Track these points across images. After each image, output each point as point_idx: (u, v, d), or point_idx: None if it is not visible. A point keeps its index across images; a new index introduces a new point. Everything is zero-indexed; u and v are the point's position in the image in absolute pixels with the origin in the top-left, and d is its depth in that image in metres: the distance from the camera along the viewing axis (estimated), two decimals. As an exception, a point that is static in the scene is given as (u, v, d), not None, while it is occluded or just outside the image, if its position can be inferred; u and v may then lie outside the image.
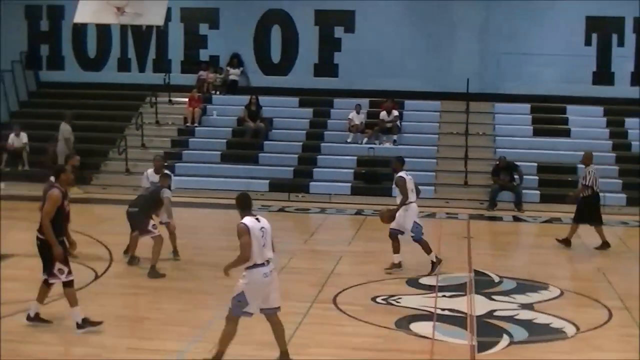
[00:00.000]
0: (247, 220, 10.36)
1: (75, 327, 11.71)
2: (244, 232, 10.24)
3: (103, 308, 13.07)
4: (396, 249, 15.35)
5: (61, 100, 27.77)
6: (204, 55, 28.08)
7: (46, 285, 11.88)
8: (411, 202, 15.26)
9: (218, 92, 27.51)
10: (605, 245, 17.71)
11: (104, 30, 27.92)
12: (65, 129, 23.75)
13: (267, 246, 10.37)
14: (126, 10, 23.16)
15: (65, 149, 23.31)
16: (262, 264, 10.27)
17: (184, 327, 12.12)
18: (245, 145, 25.52)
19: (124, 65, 28.55)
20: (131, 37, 28.29)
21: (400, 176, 15.30)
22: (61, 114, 24.39)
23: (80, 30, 27.73)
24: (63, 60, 28.84)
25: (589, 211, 17.72)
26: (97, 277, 14.71)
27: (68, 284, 11.74)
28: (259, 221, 10.44)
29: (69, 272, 11.73)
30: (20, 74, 28.34)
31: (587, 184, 17.61)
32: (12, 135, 24.84)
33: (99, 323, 11.82)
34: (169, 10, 25.38)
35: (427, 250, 15.38)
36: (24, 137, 24.82)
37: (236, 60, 27.65)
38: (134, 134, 25.86)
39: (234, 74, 27.60)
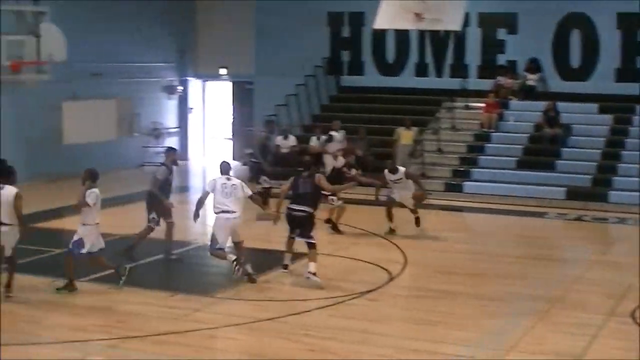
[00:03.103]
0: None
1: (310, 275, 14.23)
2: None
3: (395, 310, 13.36)
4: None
5: (360, 104, 28.52)
6: (501, 60, 27.87)
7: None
8: None
9: (515, 98, 27.26)
10: None
11: (402, 35, 28.38)
12: (400, 133, 24.49)
13: None
14: (425, 16, 23.41)
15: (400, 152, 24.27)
16: None
17: (471, 333, 12.15)
18: (542, 151, 25.13)
19: (421, 70, 28.83)
20: (429, 42, 28.57)
21: None
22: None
23: (379, 36, 28.35)
24: (363, 65, 29.54)
25: None
26: (391, 279, 15.00)
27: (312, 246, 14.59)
28: (1, 189, 13.12)
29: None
30: (322, 78, 29.34)
31: None
32: (313, 138, 25.73)
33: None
34: (466, 15, 25.45)
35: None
36: (324, 139, 25.64)
37: (534, 65, 27.27)
38: (431, 139, 26.11)
39: (531, 79, 27.23)
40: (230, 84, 31.77)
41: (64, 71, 22.33)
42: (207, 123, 32.39)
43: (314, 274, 14.32)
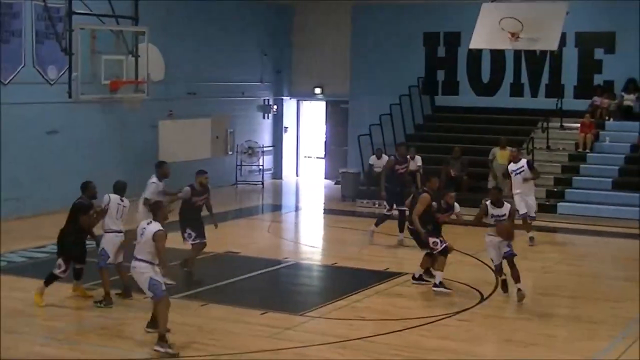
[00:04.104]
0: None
1: (433, 286, 15.05)
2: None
3: (487, 330, 13.25)
4: None
5: (455, 124, 28.40)
6: (598, 80, 27.51)
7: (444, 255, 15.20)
8: None
9: (611, 118, 26.84)
10: None
11: (498, 55, 28.18)
12: (496, 152, 24.35)
13: (139, 245, 11.87)
14: (521, 36, 23.15)
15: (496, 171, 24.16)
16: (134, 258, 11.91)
17: (566, 356, 11.98)
18: (638, 172, 24.66)
19: (516, 90, 28.62)
20: (524, 62, 28.34)
21: None
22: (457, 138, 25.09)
23: (475, 55, 28.20)
24: (458, 85, 29.42)
25: None
26: (483, 299, 14.87)
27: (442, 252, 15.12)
28: (149, 224, 11.92)
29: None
30: (417, 98, 29.29)
31: None
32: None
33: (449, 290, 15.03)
34: (563, 35, 25.10)
35: None
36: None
37: (632, 85, 26.82)
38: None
39: (629, 99, 26.77)
40: (325, 104, 31.96)
41: (161, 90, 22.74)
42: (301, 142, 32.62)
43: (438, 284, 15.13)
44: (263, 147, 30.70)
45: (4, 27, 21.64)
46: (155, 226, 11.82)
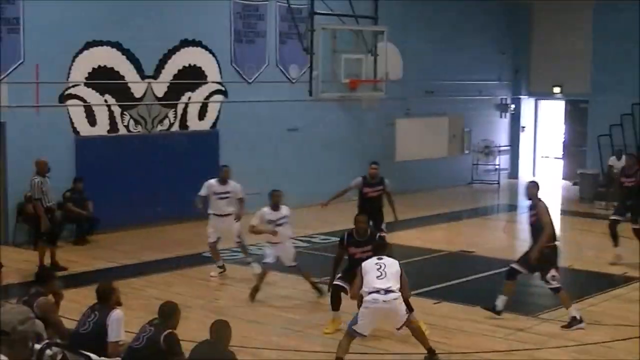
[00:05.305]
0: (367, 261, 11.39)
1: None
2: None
3: None
4: None
5: None
6: None
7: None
8: None
9: None
10: None
11: None
12: None
13: (382, 277, 10.98)
14: None
15: None
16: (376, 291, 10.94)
17: None
18: None
19: None
20: None
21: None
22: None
23: None
24: None
25: None
26: None
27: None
28: (380, 259, 11.19)
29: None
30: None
31: None
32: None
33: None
34: None
35: None
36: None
37: None
38: None
39: None
40: (564, 103, 31.34)
41: (399, 89, 22.99)
42: (538, 142, 32.13)
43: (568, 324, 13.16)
44: (500, 146, 30.48)
45: (250, 27, 22.59)
46: (394, 260, 11.29)
